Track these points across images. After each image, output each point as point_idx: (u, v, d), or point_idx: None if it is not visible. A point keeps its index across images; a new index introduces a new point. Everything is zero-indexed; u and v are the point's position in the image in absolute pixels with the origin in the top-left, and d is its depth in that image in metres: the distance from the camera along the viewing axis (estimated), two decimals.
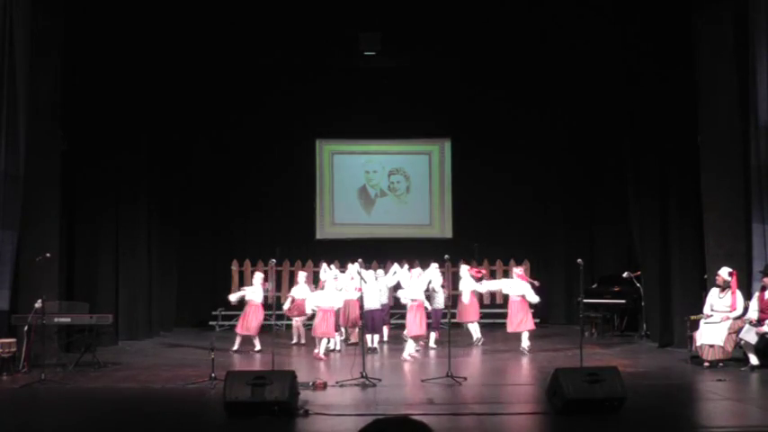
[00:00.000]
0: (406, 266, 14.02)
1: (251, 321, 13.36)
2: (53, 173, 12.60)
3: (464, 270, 14.24)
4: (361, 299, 11.55)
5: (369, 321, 12.52)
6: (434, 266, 13.56)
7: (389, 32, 15.64)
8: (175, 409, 8.78)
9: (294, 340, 14.12)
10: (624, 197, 15.55)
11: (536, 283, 13.74)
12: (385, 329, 13.98)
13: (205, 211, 17.97)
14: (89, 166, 13.92)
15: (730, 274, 11.26)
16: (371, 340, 13.01)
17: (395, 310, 15.41)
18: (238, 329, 13.54)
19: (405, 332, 12.99)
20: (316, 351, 12.42)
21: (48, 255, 10.98)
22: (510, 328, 13.07)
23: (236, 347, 13.31)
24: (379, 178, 18.96)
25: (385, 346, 13.77)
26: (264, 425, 7.83)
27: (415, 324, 12.41)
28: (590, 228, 17.91)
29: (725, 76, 12.16)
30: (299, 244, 18.07)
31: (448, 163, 18.80)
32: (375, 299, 12.92)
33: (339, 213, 18.85)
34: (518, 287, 13.19)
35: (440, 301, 13.60)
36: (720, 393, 9.35)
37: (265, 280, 13.89)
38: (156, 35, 14.77)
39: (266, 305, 13.76)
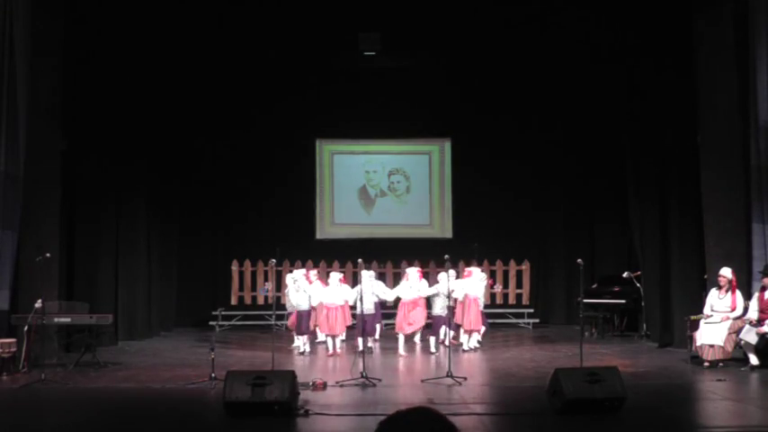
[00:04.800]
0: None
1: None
2: (53, 173, 12.60)
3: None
4: (358, 301, 11.62)
5: (362, 325, 12.43)
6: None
7: (389, 32, 15.63)
8: (175, 409, 8.78)
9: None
10: (624, 197, 15.55)
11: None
12: (377, 326, 13.98)
13: (205, 211, 17.96)
14: (89, 166, 13.92)
15: (731, 273, 11.26)
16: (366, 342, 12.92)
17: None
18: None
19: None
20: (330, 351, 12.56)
21: (48, 255, 10.97)
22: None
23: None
24: (379, 178, 18.95)
25: (377, 344, 13.77)
26: (264, 425, 7.84)
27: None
28: (590, 228, 17.89)
29: (725, 76, 12.15)
30: (299, 244, 18.05)
31: (448, 163, 18.79)
32: (370, 302, 12.74)
33: (339, 213, 18.84)
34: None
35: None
36: (720, 393, 9.35)
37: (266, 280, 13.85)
38: (156, 35, 14.75)
39: (266, 305, 13.75)
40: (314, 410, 8.15)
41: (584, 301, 12.16)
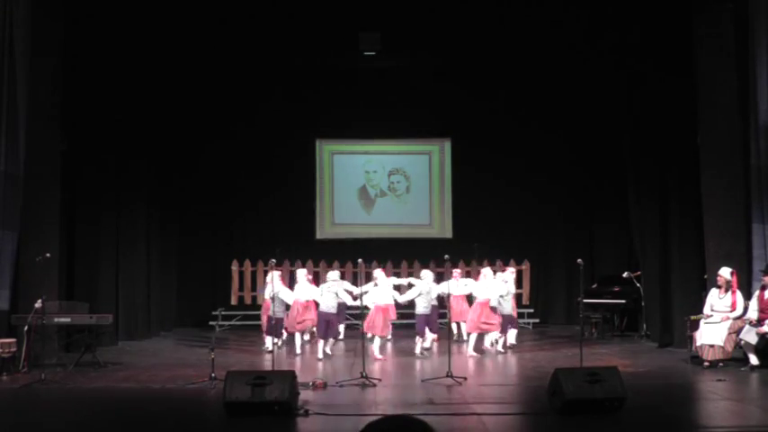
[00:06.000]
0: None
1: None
2: (53, 173, 12.60)
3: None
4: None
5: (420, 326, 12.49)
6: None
7: (389, 32, 15.62)
8: (175, 409, 8.79)
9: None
10: (624, 197, 15.55)
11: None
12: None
13: (205, 211, 17.96)
14: (89, 167, 13.91)
15: (731, 274, 11.26)
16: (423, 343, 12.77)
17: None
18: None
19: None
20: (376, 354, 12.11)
21: (48, 255, 10.98)
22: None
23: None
24: (379, 178, 18.96)
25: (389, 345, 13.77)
26: (264, 425, 7.84)
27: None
28: (590, 228, 17.90)
29: (725, 77, 12.16)
30: (299, 244, 18.05)
31: (448, 163, 18.79)
32: (427, 303, 12.58)
33: (339, 213, 18.85)
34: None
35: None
36: (720, 393, 9.35)
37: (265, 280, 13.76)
38: (156, 35, 14.75)
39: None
40: (314, 410, 8.15)
41: (585, 301, 12.16)
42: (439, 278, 14.35)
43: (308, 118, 18.08)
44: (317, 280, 15.41)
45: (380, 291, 12.49)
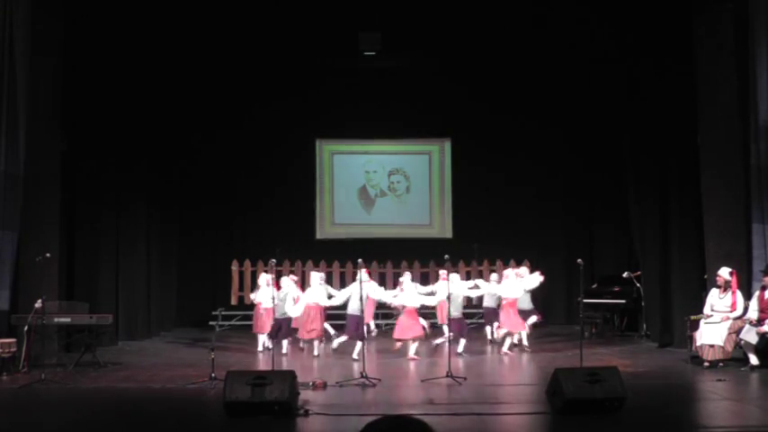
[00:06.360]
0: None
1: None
2: (53, 173, 12.60)
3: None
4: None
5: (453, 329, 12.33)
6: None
7: (389, 32, 15.63)
8: (175, 409, 8.79)
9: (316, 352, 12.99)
10: (624, 197, 15.55)
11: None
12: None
13: (205, 211, 17.95)
14: (89, 167, 13.91)
15: (731, 273, 11.27)
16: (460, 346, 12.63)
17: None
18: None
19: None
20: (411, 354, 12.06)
21: (48, 255, 10.97)
22: None
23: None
24: (379, 178, 18.96)
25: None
26: (264, 425, 7.84)
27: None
28: (590, 228, 17.89)
29: (725, 77, 12.16)
30: (299, 244, 18.06)
31: (448, 163, 18.79)
32: (458, 306, 12.50)
33: (339, 213, 18.85)
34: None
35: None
36: (720, 393, 9.36)
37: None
38: (156, 35, 14.76)
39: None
40: (314, 410, 8.15)
41: (585, 301, 12.15)
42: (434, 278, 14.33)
43: (307, 118, 18.09)
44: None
45: (408, 295, 12.44)
